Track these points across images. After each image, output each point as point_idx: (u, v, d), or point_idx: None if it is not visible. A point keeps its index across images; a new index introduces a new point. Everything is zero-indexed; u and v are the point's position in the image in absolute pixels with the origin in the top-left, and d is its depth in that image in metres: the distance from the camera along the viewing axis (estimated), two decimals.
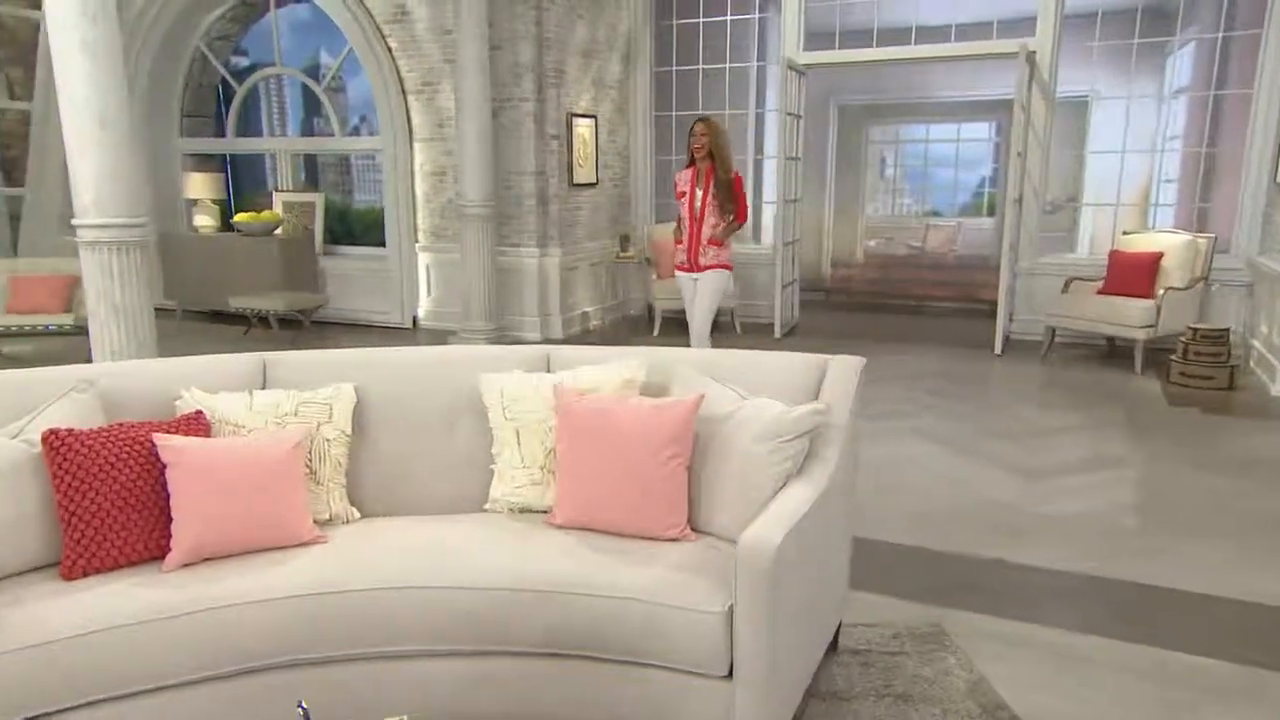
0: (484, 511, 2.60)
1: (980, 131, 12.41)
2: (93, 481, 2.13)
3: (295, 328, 8.08)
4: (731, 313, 8.36)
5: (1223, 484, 4.33)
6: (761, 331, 8.15)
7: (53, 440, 2.13)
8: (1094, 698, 2.56)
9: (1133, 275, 6.84)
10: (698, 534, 2.43)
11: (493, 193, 7.34)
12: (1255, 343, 6.65)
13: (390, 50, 8.07)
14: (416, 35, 7.97)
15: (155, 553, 2.20)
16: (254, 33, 9.64)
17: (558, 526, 2.45)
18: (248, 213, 8.84)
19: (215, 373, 2.60)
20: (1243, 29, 7.38)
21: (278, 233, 8.59)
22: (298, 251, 8.46)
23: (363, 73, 8.40)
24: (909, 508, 4.08)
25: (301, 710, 1.43)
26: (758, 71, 9.56)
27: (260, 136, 10.28)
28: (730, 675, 2.07)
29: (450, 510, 2.61)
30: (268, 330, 8.06)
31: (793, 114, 8.10)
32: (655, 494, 2.37)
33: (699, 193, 5.50)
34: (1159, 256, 6.83)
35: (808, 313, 9.17)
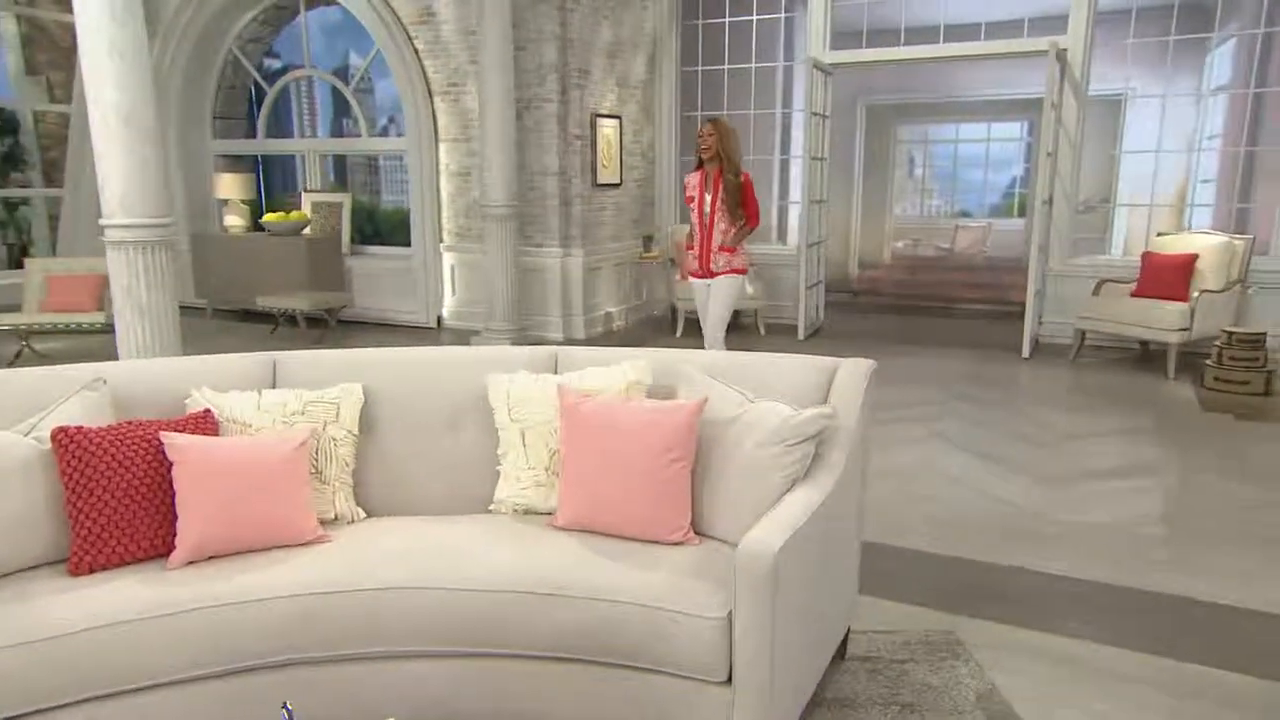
0: (488, 512, 2.59)
1: (1011, 131, 12.22)
2: (100, 479, 2.16)
3: (321, 327, 8.17)
4: (755, 314, 8.31)
5: (1253, 493, 4.21)
6: (785, 333, 8.09)
7: (62, 438, 2.16)
8: (1108, 709, 2.50)
9: (1166, 277, 6.69)
10: (702, 538, 2.41)
11: (516, 193, 7.37)
12: None
13: (417, 52, 8.13)
14: (442, 36, 8.02)
15: (161, 550, 2.22)
16: (285, 35, 9.77)
17: (560, 528, 2.44)
18: (277, 213, 8.96)
19: (226, 372, 2.62)
20: None
21: (306, 233, 8.70)
22: (324, 251, 8.56)
23: (391, 74, 8.48)
24: (928, 513, 4.02)
25: (286, 713, 1.43)
26: (784, 71, 9.50)
27: (291, 138, 10.40)
28: (730, 681, 2.05)
29: (456, 511, 2.61)
30: (294, 329, 8.16)
31: (818, 114, 8.04)
32: (658, 497, 2.35)
33: (708, 196, 5.35)
34: (1194, 258, 6.68)
35: (833, 314, 9.10)
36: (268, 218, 8.69)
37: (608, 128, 8.15)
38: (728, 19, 8.70)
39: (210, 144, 9.64)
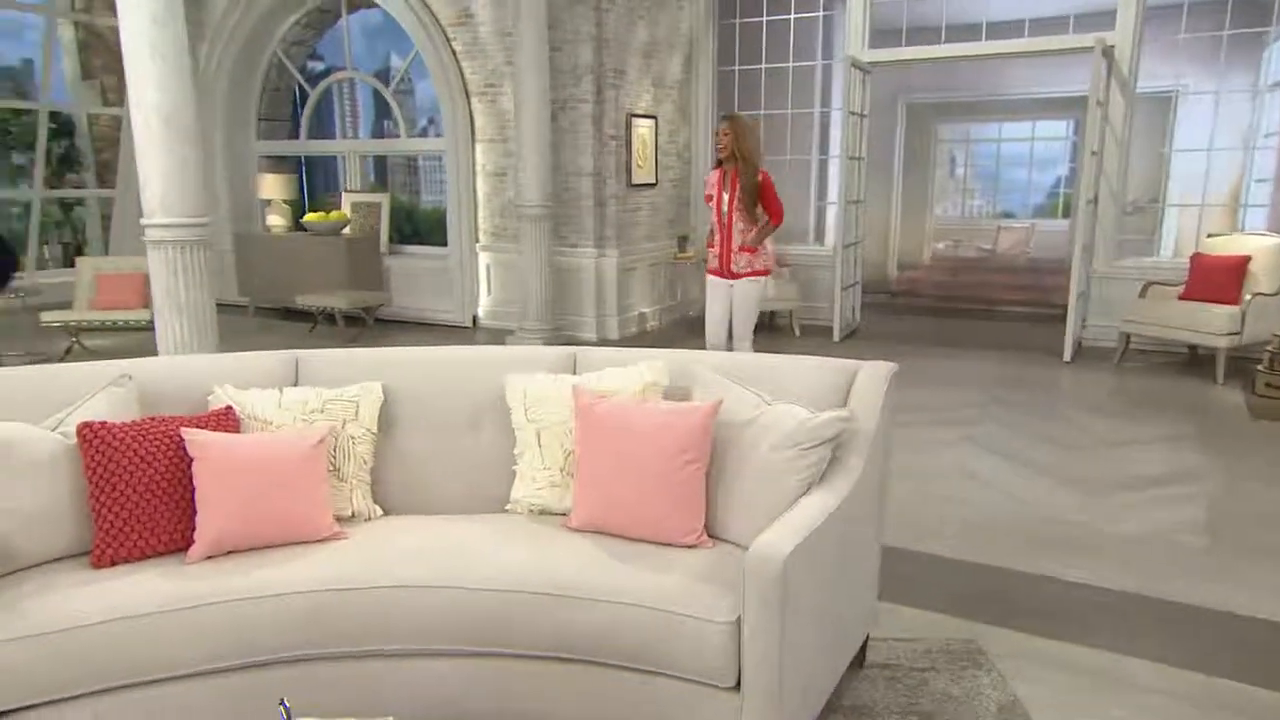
0: (505, 512, 2.60)
1: (1056, 129, 11.96)
2: (123, 474, 2.21)
3: (359, 325, 8.28)
4: (790, 315, 8.25)
5: None
6: (820, 334, 8.01)
7: (86, 433, 2.22)
8: None
9: (1216, 280, 6.49)
10: (716, 541, 2.39)
11: (551, 193, 7.40)
12: None
13: (455, 53, 8.20)
14: (480, 38, 8.09)
15: (181, 544, 2.27)
16: (328, 38, 9.93)
17: (574, 529, 2.44)
18: (318, 213, 9.10)
19: (249, 369, 2.66)
20: None
21: (345, 232, 8.82)
22: (363, 251, 8.67)
23: (430, 75, 8.56)
24: (958, 519, 3.95)
25: (284, 710, 1.44)
26: (823, 70, 9.40)
27: (333, 139, 10.56)
28: (739, 686, 2.02)
29: (472, 510, 2.62)
30: (333, 327, 8.28)
31: (856, 113, 7.94)
32: (671, 499, 2.33)
33: (725, 195, 5.25)
34: (1246, 260, 6.47)
35: (871, 316, 8.99)
36: (308, 218, 8.84)
37: (643, 128, 8.14)
38: (765, 18, 8.63)
39: (254, 145, 9.83)
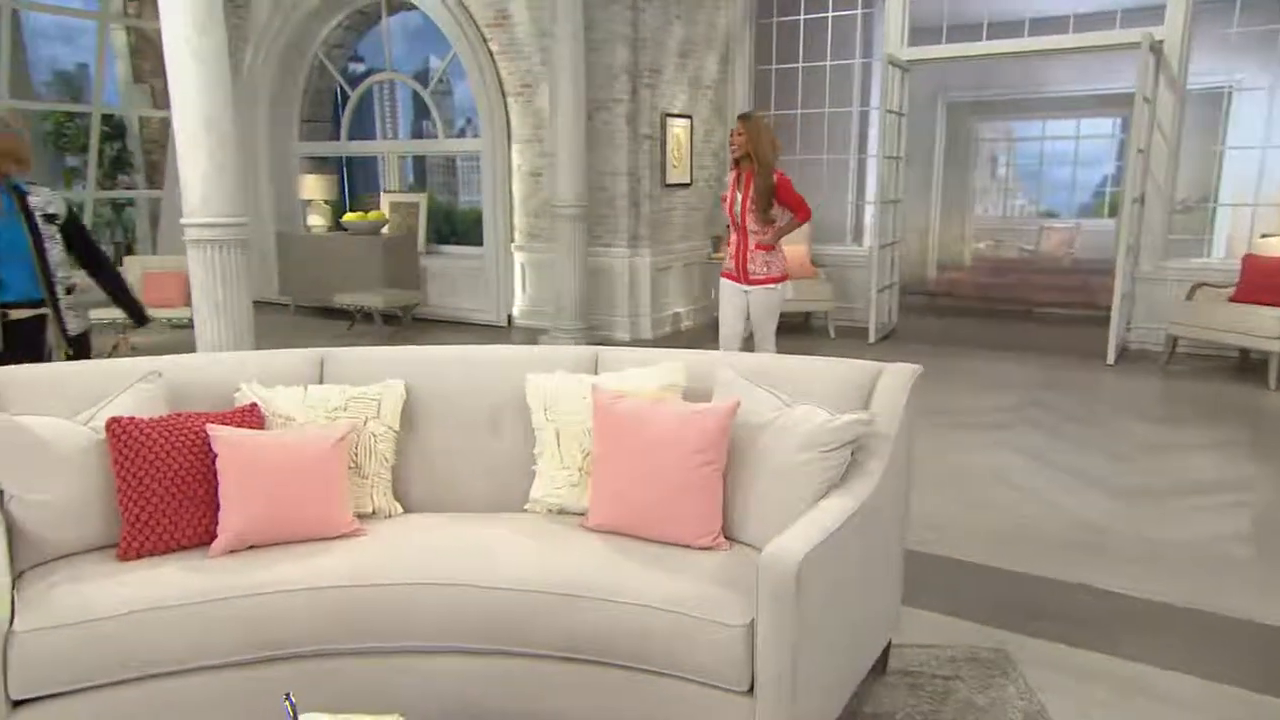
0: (524, 511, 2.60)
1: (1102, 127, 11.67)
2: (149, 468, 2.25)
3: (396, 324, 8.38)
4: (826, 316, 8.17)
5: None
6: (856, 335, 7.92)
7: (115, 428, 2.26)
8: None
9: (1269, 281, 6.29)
10: (732, 543, 2.37)
11: (585, 193, 7.41)
12: None
13: (491, 54, 8.26)
14: (516, 38, 8.13)
15: (204, 538, 2.31)
16: (368, 40, 10.06)
17: (591, 530, 2.44)
18: (358, 212, 9.23)
19: (276, 367, 2.70)
20: None
21: (384, 232, 8.94)
22: (400, 250, 8.78)
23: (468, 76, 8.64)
24: (991, 525, 3.87)
25: (289, 704, 1.45)
26: (861, 69, 9.30)
27: (373, 139, 10.70)
28: (752, 690, 2.00)
29: (492, 509, 2.62)
30: (370, 325, 8.39)
31: (894, 112, 7.84)
32: (687, 501, 2.32)
33: (739, 196, 5.04)
34: None
35: (909, 317, 8.86)
36: (347, 217, 8.97)
37: (678, 127, 8.12)
38: (803, 16, 8.56)
39: (296, 146, 9.99)
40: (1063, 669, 2.70)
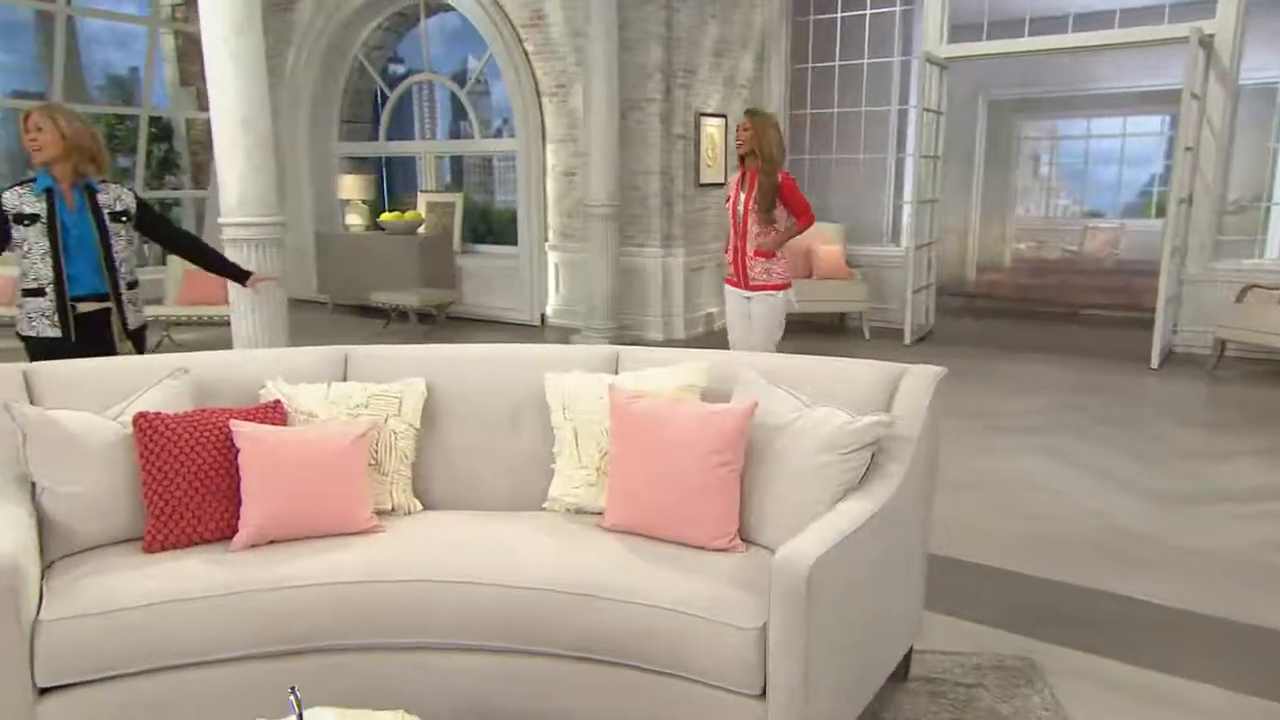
0: (542, 510, 2.61)
1: (1150, 125, 11.37)
2: (173, 463, 2.30)
3: (431, 322, 8.46)
4: (860, 317, 8.08)
5: None
6: (891, 337, 7.82)
7: (141, 423, 2.31)
8: None
9: None
10: (749, 545, 2.35)
11: (617, 192, 7.42)
12: None
13: (527, 54, 8.30)
14: (551, 38, 8.16)
15: (226, 532, 2.34)
16: (408, 41, 10.17)
17: (607, 529, 2.43)
18: (395, 212, 9.34)
19: (301, 364, 2.74)
20: None
21: (420, 231, 9.03)
22: (436, 249, 8.86)
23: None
24: (1022, 530, 3.79)
25: (295, 699, 1.47)
26: (900, 66, 9.18)
27: (411, 139, 10.81)
28: (764, 694, 1.98)
29: (511, 507, 2.63)
30: (405, 324, 8.49)
31: (932, 110, 7.73)
32: (704, 502, 2.30)
33: (743, 196, 4.75)
34: None
35: (946, 319, 8.73)
36: (384, 217, 9.08)
37: (712, 127, 8.09)
38: (840, 14, 8.48)
39: (336, 147, 10.14)
40: (1090, 678, 2.64)
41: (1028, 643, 2.84)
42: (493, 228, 10.54)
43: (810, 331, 8.23)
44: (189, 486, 2.31)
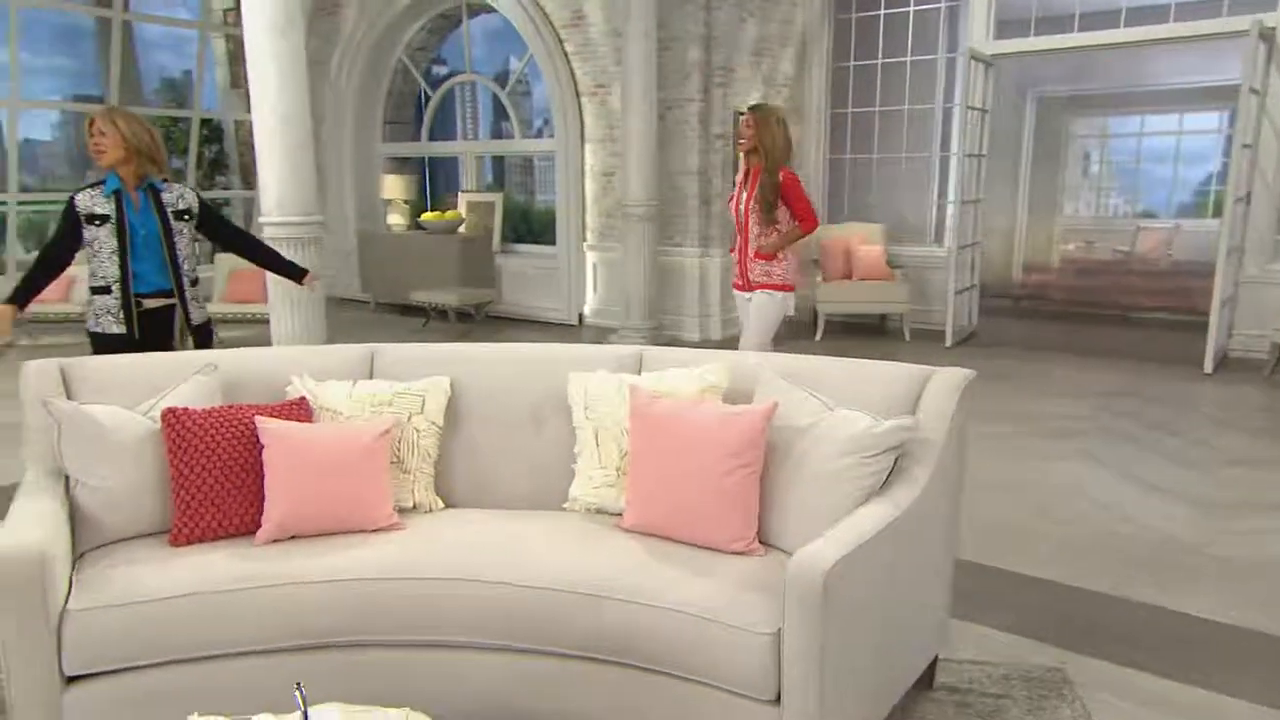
0: (562, 510, 2.60)
1: (1207, 122, 10.99)
2: (200, 458, 2.34)
3: (469, 321, 8.53)
4: (901, 318, 7.96)
5: None
6: (932, 338, 7.69)
7: (170, 418, 2.36)
8: None
9: None
10: (768, 548, 2.32)
11: (655, 193, 7.40)
12: None
13: (566, 54, 8.33)
14: (591, 38, 8.18)
15: (250, 527, 2.37)
16: (451, 42, 10.27)
17: (626, 530, 2.42)
18: (437, 212, 9.44)
19: (328, 362, 2.77)
20: None
21: (461, 231, 9.11)
22: (476, 249, 8.93)
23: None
24: (1061, 537, 3.69)
25: (300, 695, 1.48)
26: (946, 64, 9.03)
27: (453, 140, 10.91)
28: (779, 700, 1.95)
29: (532, 506, 2.63)
30: (444, 323, 8.56)
31: (976, 108, 7.57)
32: (722, 504, 2.28)
33: (744, 195, 4.60)
34: None
35: (990, 321, 8.55)
36: (425, 217, 9.17)
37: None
38: (883, 11, 8.36)
39: (379, 147, 10.28)
40: (1126, 694, 2.55)
41: (1060, 654, 2.76)
42: (533, 227, 10.58)
43: (850, 333, 8.14)
44: (215, 481, 2.34)
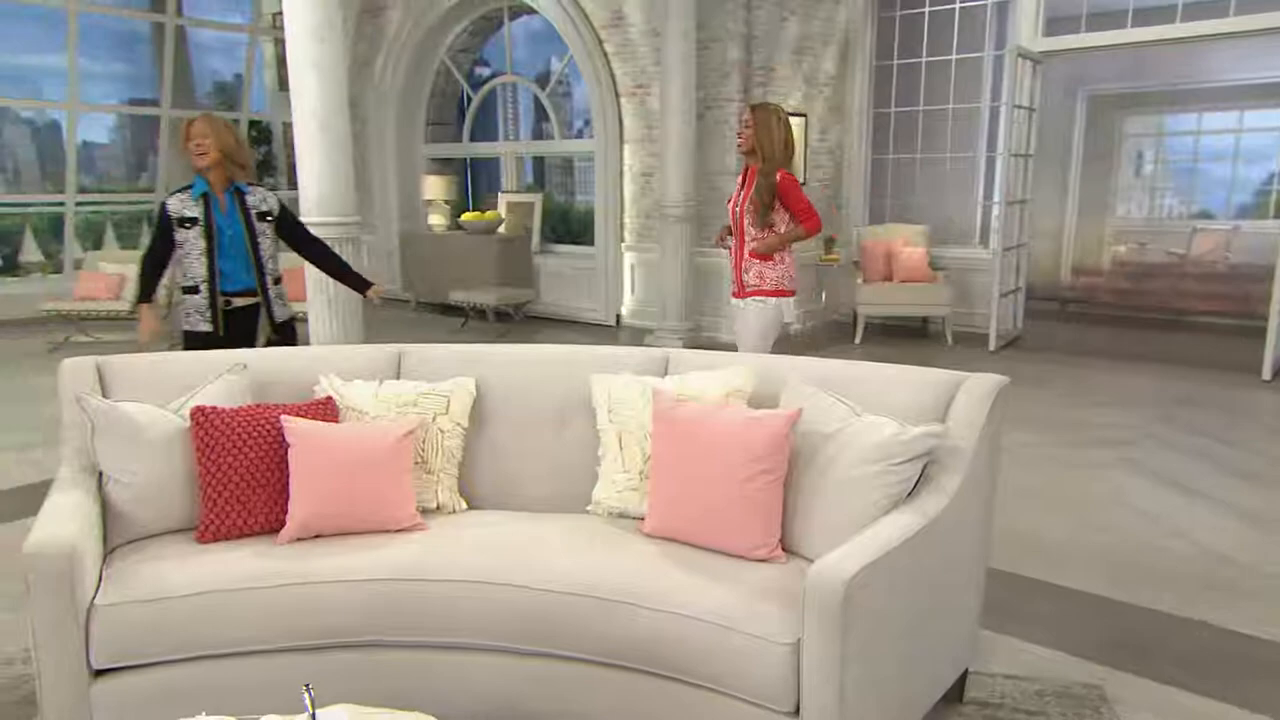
0: (584, 513, 2.58)
1: (1270, 120, 10.60)
2: (227, 456, 2.36)
3: (508, 321, 8.57)
4: (943, 321, 7.80)
5: None
6: (976, 342, 7.53)
7: (198, 416, 2.38)
8: None
9: None
10: (791, 556, 2.27)
11: (693, 194, 7.36)
12: None
13: (606, 55, 8.32)
14: (630, 39, 8.16)
15: (275, 525, 2.39)
16: (493, 44, 10.34)
17: (647, 535, 2.39)
18: (477, 212, 9.50)
19: (355, 362, 2.79)
20: None
21: (500, 231, 9.16)
22: (515, 249, 8.97)
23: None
24: (1106, 550, 3.58)
25: (308, 696, 1.48)
26: (993, 61, 8.84)
27: (494, 141, 10.99)
28: (798, 712, 1.91)
29: (556, 508, 2.62)
30: (483, 322, 8.62)
31: (1023, 107, 7.40)
32: (744, 510, 2.23)
33: (740, 195, 4.41)
34: None
35: (1037, 324, 8.36)
36: (465, 217, 9.24)
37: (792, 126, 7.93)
38: (928, 9, 8.21)
39: (422, 148, 10.38)
40: (1166, 712, 2.46)
41: (1099, 670, 2.67)
42: (573, 228, 10.61)
43: (890, 336, 8.01)
44: (241, 479, 2.37)
